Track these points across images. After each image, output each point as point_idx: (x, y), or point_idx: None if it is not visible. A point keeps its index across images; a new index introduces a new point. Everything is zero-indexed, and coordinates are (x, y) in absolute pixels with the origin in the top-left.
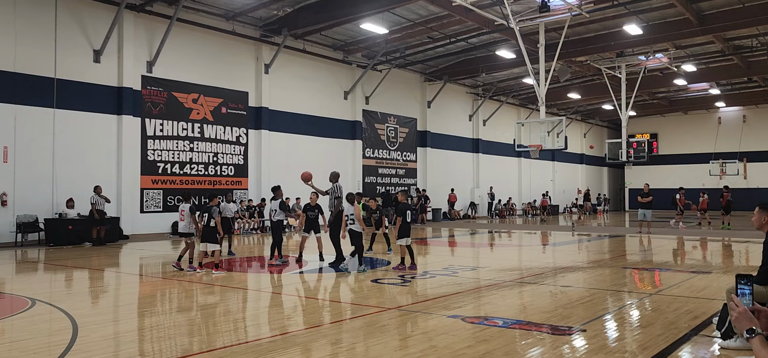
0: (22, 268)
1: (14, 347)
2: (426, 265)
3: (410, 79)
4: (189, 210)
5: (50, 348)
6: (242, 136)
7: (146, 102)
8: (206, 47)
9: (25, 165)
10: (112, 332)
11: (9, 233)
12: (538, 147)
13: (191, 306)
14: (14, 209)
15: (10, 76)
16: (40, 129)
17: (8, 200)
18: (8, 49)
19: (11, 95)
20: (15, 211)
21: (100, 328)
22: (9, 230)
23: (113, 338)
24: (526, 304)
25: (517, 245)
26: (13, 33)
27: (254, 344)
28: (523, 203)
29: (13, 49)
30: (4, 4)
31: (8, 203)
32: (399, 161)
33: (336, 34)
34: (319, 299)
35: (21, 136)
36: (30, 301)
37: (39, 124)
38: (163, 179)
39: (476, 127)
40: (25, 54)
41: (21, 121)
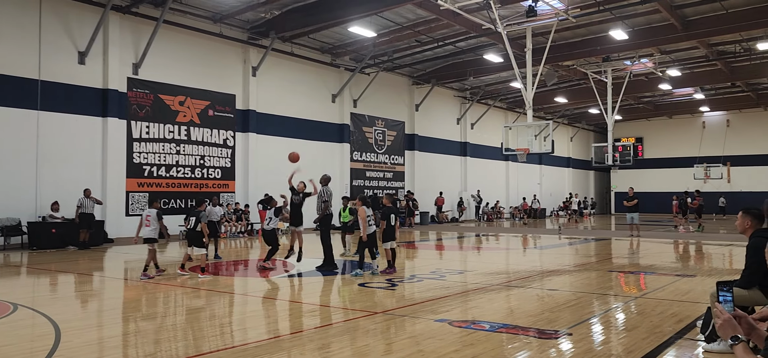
0: (4, 272)
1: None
2: (413, 268)
3: (398, 82)
4: (156, 215)
5: (32, 354)
6: (229, 139)
7: (132, 104)
8: (193, 49)
9: (8, 168)
10: (96, 337)
11: None
12: (525, 151)
13: (177, 311)
14: None
15: None
16: (23, 131)
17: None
18: None
19: None
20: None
21: (83, 333)
22: None
23: (96, 343)
24: (513, 307)
25: (505, 249)
26: None
27: (241, 349)
28: (510, 206)
29: None
30: None
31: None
32: (387, 164)
33: (324, 37)
34: (305, 303)
35: (3, 138)
36: (12, 306)
37: (22, 126)
38: (149, 181)
39: (464, 131)
40: (7, 55)
41: (3, 123)
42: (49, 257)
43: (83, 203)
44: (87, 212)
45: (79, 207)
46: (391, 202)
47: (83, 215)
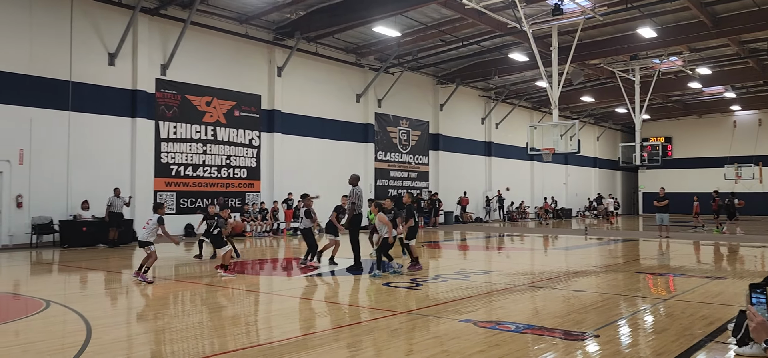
0: (37, 269)
1: (29, 347)
2: (438, 268)
3: (423, 82)
4: (157, 220)
5: (64, 350)
6: (255, 139)
7: (160, 105)
8: (219, 50)
9: (41, 167)
10: (125, 334)
11: (24, 234)
12: (550, 150)
13: (203, 308)
14: (29, 211)
15: (26, 78)
16: (55, 131)
17: (24, 202)
18: (24, 51)
19: (27, 98)
20: (30, 213)
21: (113, 330)
22: (24, 231)
23: (126, 340)
24: (539, 308)
25: (530, 249)
26: (28, 36)
27: (266, 347)
28: (535, 206)
29: (28, 52)
30: (21, 8)
31: (24, 205)
32: (411, 164)
33: (348, 37)
34: (330, 302)
35: (36, 138)
36: (44, 302)
37: (54, 126)
38: (177, 181)
39: (488, 130)
40: (40, 57)
41: (36, 123)
42: (79, 254)
43: (113, 202)
44: (116, 211)
45: (108, 206)
46: (413, 199)
47: (112, 214)
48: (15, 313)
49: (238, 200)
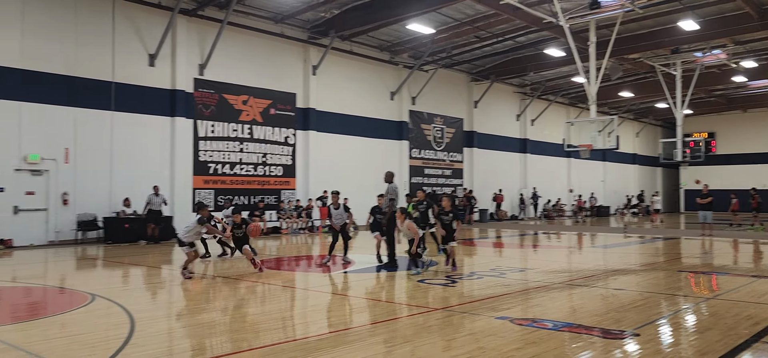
0: (82, 264)
1: (75, 339)
2: (473, 266)
3: (457, 79)
4: (197, 222)
5: (108, 341)
6: (290, 137)
7: (198, 104)
8: (255, 50)
9: (85, 166)
10: (166, 327)
11: (70, 230)
12: (588, 147)
13: (240, 303)
14: (75, 208)
15: (71, 80)
16: (98, 131)
17: (69, 200)
18: (69, 54)
19: (72, 98)
20: (76, 210)
21: (156, 323)
22: (70, 227)
23: (167, 333)
24: (576, 306)
25: (566, 247)
26: (73, 39)
27: (302, 342)
28: (572, 203)
29: (74, 54)
30: (66, 12)
31: (69, 202)
32: (445, 162)
33: (382, 34)
34: (366, 299)
35: (81, 137)
36: (90, 296)
37: (98, 126)
38: (214, 179)
39: (524, 127)
40: (84, 59)
41: (81, 123)
42: (122, 250)
43: (151, 199)
44: (155, 209)
45: (147, 204)
46: (452, 205)
47: (151, 211)
48: (61, 306)
49: (274, 198)
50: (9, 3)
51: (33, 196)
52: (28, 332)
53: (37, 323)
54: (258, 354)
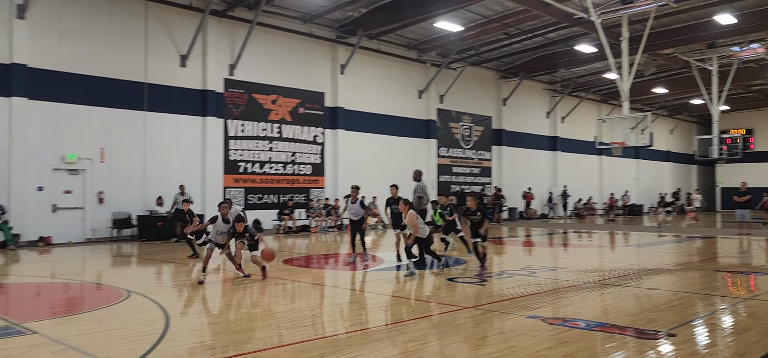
0: (118, 261)
1: (112, 334)
2: (502, 265)
3: (485, 76)
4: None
5: (144, 336)
6: (319, 136)
7: (228, 104)
8: (284, 50)
9: (119, 165)
10: (199, 323)
11: (105, 228)
12: (620, 144)
13: (270, 301)
14: (110, 206)
15: (106, 81)
16: (132, 131)
17: (105, 198)
18: (104, 56)
19: (107, 99)
20: (111, 208)
21: (189, 319)
22: (105, 225)
23: (200, 329)
24: (609, 306)
25: (598, 246)
26: (108, 41)
27: (332, 339)
28: (604, 202)
29: (108, 57)
30: (100, 15)
31: (105, 201)
32: (474, 160)
33: (410, 33)
34: (395, 296)
35: (115, 137)
36: (125, 292)
37: (131, 126)
38: (244, 177)
39: (554, 125)
40: (118, 60)
41: (115, 123)
42: (156, 248)
43: (177, 199)
44: (180, 208)
45: (174, 203)
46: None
47: (178, 210)
48: (98, 302)
49: (303, 196)
50: (47, 9)
51: (70, 195)
52: (67, 327)
53: (76, 318)
54: (289, 351)
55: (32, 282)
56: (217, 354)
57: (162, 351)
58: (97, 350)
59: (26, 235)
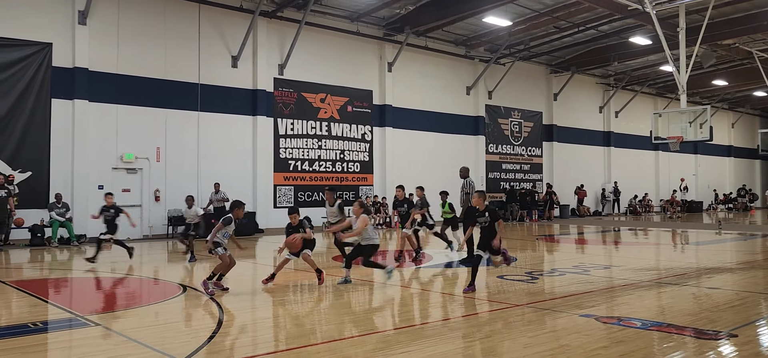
0: (173, 257)
1: (169, 327)
2: (554, 262)
3: (535, 71)
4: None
5: (199, 331)
6: (367, 134)
7: (278, 103)
8: (332, 48)
9: (174, 164)
10: (251, 318)
11: (161, 225)
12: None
13: (321, 297)
14: (166, 204)
15: (162, 83)
16: (186, 130)
17: (161, 196)
18: (160, 58)
19: (163, 100)
20: (166, 206)
21: (242, 314)
22: (161, 223)
23: (253, 323)
24: (666, 306)
25: (655, 244)
26: (163, 44)
27: (381, 335)
28: (661, 199)
29: (163, 59)
30: (155, 19)
31: (161, 199)
32: (523, 156)
33: (458, 29)
34: (444, 293)
35: (170, 137)
36: (181, 287)
37: (185, 126)
38: (294, 175)
39: (607, 120)
40: (173, 63)
41: (170, 123)
42: None
43: (212, 198)
44: (217, 206)
45: (209, 203)
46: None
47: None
48: (155, 296)
49: (352, 194)
50: (106, 14)
51: (128, 193)
52: (127, 319)
53: (135, 311)
54: (339, 346)
55: (94, 277)
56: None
57: (216, 345)
58: (155, 343)
59: (87, 232)
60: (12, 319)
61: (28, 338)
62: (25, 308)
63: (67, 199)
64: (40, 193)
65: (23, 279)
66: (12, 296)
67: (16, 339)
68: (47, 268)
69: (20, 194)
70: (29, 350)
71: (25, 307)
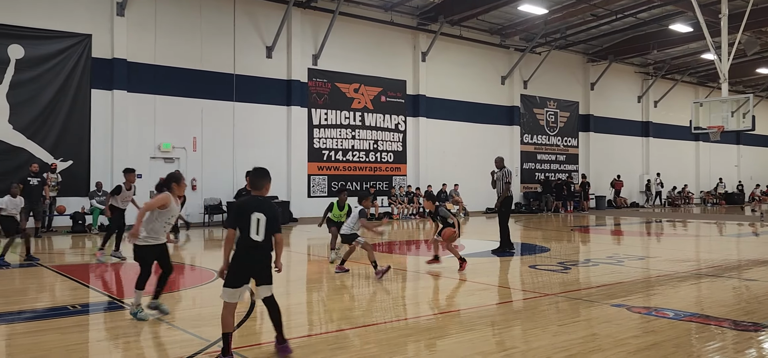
0: (209, 245)
1: (204, 312)
2: (588, 253)
3: (571, 60)
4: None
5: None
6: (401, 124)
7: (312, 93)
8: (366, 38)
9: (211, 153)
10: (285, 303)
11: (198, 214)
12: (718, 129)
13: (353, 284)
14: (202, 193)
15: (198, 73)
16: (222, 120)
17: (197, 185)
18: (196, 50)
19: (199, 91)
20: (203, 195)
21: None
22: (198, 211)
23: (285, 309)
24: (703, 297)
25: (693, 236)
26: (199, 36)
27: (413, 322)
28: (701, 190)
29: (199, 50)
30: (192, 11)
31: (197, 188)
32: (559, 147)
33: (492, 17)
34: (476, 282)
35: (207, 127)
36: (216, 273)
37: (221, 116)
38: (328, 165)
39: (646, 109)
40: (209, 53)
41: (207, 114)
42: None
43: None
44: None
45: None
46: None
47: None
48: (192, 282)
49: (386, 184)
50: (144, 7)
51: None
52: (165, 304)
53: (173, 295)
54: (372, 330)
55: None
56: (300, 332)
57: (247, 328)
58: (189, 326)
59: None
60: (55, 301)
61: (68, 319)
62: (66, 291)
63: (107, 187)
64: (80, 181)
65: (65, 264)
66: (54, 280)
67: (58, 320)
68: (88, 253)
69: (62, 182)
70: (69, 331)
71: (67, 290)
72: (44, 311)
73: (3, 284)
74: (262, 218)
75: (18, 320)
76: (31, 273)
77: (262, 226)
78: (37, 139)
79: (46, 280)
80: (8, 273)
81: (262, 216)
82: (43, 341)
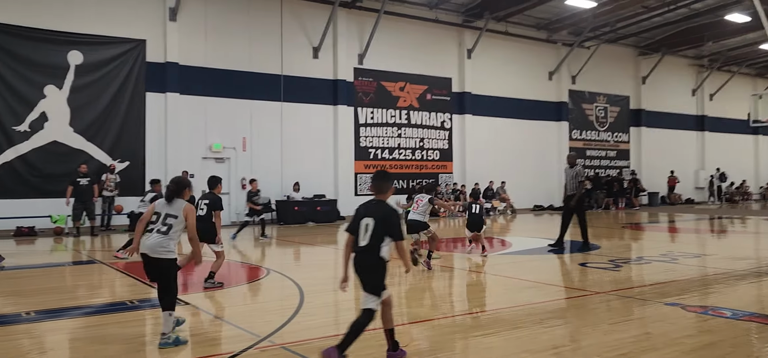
0: (259, 243)
1: (256, 306)
2: (641, 250)
3: (621, 54)
4: (428, 201)
5: (283, 310)
6: (446, 121)
7: (358, 92)
8: (411, 37)
9: (260, 153)
10: (333, 299)
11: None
12: None
13: (400, 281)
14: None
15: (247, 75)
16: (270, 120)
17: (247, 184)
18: (245, 51)
19: (248, 92)
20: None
21: (322, 296)
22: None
23: (333, 304)
24: (764, 296)
25: (753, 233)
26: (248, 37)
27: (460, 319)
28: (760, 185)
29: (248, 52)
30: (240, 13)
31: (247, 187)
32: (609, 142)
33: (539, 12)
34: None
35: (256, 127)
36: (266, 270)
37: (269, 116)
38: (374, 164)
39: (701, 103)
40: (257, 55)
41: (256, 114)
42: (293, 230)
43: None
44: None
45: None
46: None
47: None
48: (243, 278)
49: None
50: (193, 11)
51: None
52: (216, 300)
53: (224, 292)
54: (417, 328)
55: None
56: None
57: (296, 324)
58: (240, 321)
59: None
60: (115, 297)
61: (127, 314)
62: (125, 287)
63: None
64: (137, 181)
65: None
66: (114, 276)
67: (117, 314)
68: None
69: (120, 182)
70: (127, 325)
71: (126, 286)
72: (105, 306)
73: (67, 281)
74: (371, 223)
75: (80, 315)
76: (91, 270)
77: (368, 231)
78: (96, 141)
79: (106, 277)
80: (71, 270)
81: (370, 221)
82: (105, 335)
